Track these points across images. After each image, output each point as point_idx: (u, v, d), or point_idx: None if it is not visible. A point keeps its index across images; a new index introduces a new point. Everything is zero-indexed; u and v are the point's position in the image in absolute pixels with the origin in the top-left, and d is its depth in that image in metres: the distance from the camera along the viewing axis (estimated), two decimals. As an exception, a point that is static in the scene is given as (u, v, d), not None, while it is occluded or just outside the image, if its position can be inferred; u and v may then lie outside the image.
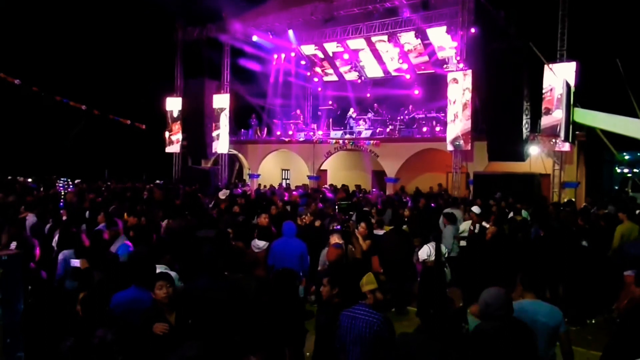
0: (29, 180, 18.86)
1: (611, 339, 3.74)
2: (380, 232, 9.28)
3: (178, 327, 3.83)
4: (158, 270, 5.02)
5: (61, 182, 14.36)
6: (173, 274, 5.30)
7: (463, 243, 9.61)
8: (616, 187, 25.38)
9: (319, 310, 4.77)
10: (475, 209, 9.93)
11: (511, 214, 10.99)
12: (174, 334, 3.72)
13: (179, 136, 24.47)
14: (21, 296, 2.47)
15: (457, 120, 17.51)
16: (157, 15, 22.83)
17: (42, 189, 15.69)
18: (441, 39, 19.94)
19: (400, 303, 8.19)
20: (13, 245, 6.17)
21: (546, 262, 7.78)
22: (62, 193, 13.96)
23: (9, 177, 19.32)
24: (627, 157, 30.39)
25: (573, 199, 15.71)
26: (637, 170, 30.95)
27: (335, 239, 6.97)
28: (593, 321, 7.74)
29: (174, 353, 3.29)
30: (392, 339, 3.89)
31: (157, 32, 24.28)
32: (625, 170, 30.74)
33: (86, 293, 3.89)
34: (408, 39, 21.12)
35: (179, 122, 24.40)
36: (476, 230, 9.46)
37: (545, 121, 16.27)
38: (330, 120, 23.39)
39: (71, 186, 14.54)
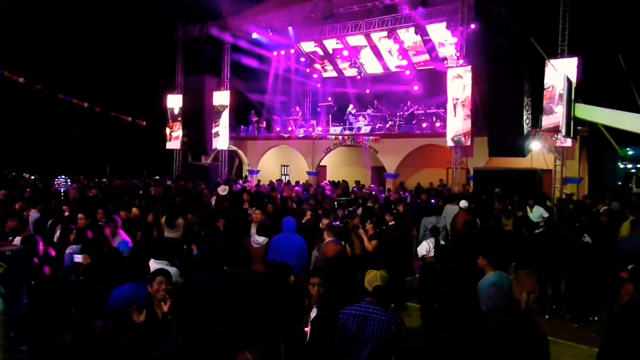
0: (32, 177, 18.90)
1: (605, 335, 3.74)
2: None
3: (170, 320, 3.85)
4: (158, 266, 5.05)
5: (61, 179, 14.32)
6: (173, 269, 5.32)
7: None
8: (619, 183, 25.36)
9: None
10: (462, 204, 10.19)
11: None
12: (166, 328, 3.73)
13: (180, 133, 24.49)
14: (25, 291, 2.48)
15: (457, 116, 17.48)
16: (158, 14, 22.89)
17: (40, 185, 15.69)
18: (441, 35, 19.93)
19: (400, 299, 8.20)
20: (17, 240, 6.19)
21: (547, 257, 7.80)
22: (62, 191, 13.96)
23: (13, 174, 19.37)
24: (630, 153, 30.35)
25: (574, 193, 15.77)
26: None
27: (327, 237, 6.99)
28: (596, 318, 7.70)
29: (159, 347, 3.31)
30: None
31: (158, 30, 24.36)
32: (629, 166, 30.67)
33: (85, 288, 3.92)
34: (408, 35, 21.09)
35: (179, 118, 24.42)
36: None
37: (546, 117, 16.25)
38: (330, 116, 23.40)
39: (69, 183, 14.49)
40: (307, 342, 4.21)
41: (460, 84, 17.42)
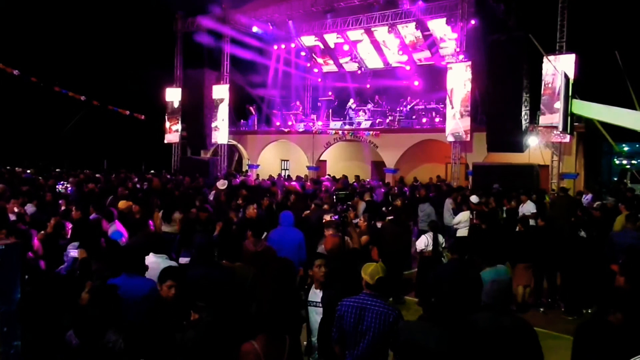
0: (28, 171, 18.80)
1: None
2: (379, 223, 9.32)
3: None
4: (157, 260, 5.06)
5: (60, 185, 14.17)
6: (172, 263, 5.33)
7: (461, 233, 9.68)
8: (615, 179, 25.44)
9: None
10: (473, 199, 10.32)
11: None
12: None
13: (179, 127, 24.47)
14: (18, 286, 2.47)
15: (457, 112, 17.50)
16: (157, 6, 22.76)
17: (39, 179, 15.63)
18: (442, 30, 19.92)
19: (398, 292, 8.23)
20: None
21: (544, 251, 7.86)
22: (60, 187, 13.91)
23: (7, 168, 19.27)
24: (625, 149, 30.45)
25: (570, 189, 15.81)
26: (636, 162, 31.03)
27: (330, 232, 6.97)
28: (589, 311, 7.77)
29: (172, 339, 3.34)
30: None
31: (157, 22, 24.22)
32: (624, 162, 30.79)
33: (81, 282, 3.93)
34: (408, 31, 21.05)
35: (178, 112, 24.39)
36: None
37: (544, 113, 16.29)
38: (330, 110, 23.39)
39: (69, 189, 14.36)
40: (321, 321, 4.30)
41: (459, 80, 17.44)
